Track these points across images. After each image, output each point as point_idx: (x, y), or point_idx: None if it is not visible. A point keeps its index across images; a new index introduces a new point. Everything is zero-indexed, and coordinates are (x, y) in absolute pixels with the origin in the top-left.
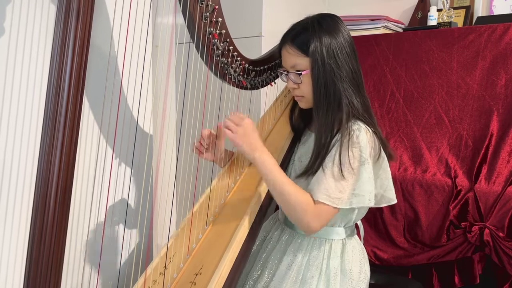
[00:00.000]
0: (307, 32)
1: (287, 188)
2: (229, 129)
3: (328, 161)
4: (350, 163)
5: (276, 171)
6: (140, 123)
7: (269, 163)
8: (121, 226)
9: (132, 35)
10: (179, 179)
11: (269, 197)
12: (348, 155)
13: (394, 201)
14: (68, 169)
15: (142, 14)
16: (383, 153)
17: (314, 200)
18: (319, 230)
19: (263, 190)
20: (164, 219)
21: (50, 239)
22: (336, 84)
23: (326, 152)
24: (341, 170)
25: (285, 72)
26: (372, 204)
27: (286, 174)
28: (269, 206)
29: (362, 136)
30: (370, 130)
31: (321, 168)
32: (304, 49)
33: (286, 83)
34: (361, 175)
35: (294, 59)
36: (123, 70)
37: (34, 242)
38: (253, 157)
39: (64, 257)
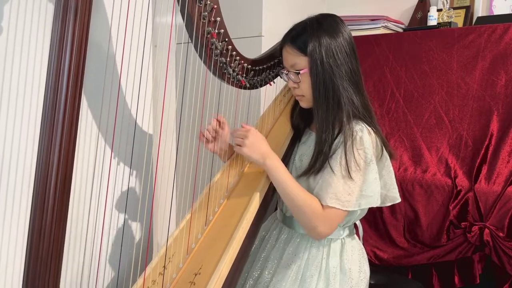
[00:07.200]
0: (306, 32)
1: (297, 192)
2: (238, 145)
3: (334, 165)
4: (356, 164)
5: (287, 176)
6: (139, 122)
7: (280, 169)
8: (120, 226)
9: (131, 34)
10: (178, 179)
11: (268, 197)
12: (354, 157)
13: (398, 200)
14: (66, 166)
15: (141, 13)
16: (385, 152)
17: (323, 206)
18: (329, 235)
19: (262, 190)
20: (163, 219)
21: (49, 237)
22: (335, 83)
23: (329, 151)
24: (349, 172)
25: (286, 72)
26: (379, 203)
27: None
28: (268, 206)
29: (366, 137)
30: (372, 130)
31: (327, 172)
32: (302, 49)
33: (285, 83)
34: (367, 176)
35: (293, 58)
36: (122, 68)
37: (33, 240)
38: (264, 163)
39: (63, 254)
